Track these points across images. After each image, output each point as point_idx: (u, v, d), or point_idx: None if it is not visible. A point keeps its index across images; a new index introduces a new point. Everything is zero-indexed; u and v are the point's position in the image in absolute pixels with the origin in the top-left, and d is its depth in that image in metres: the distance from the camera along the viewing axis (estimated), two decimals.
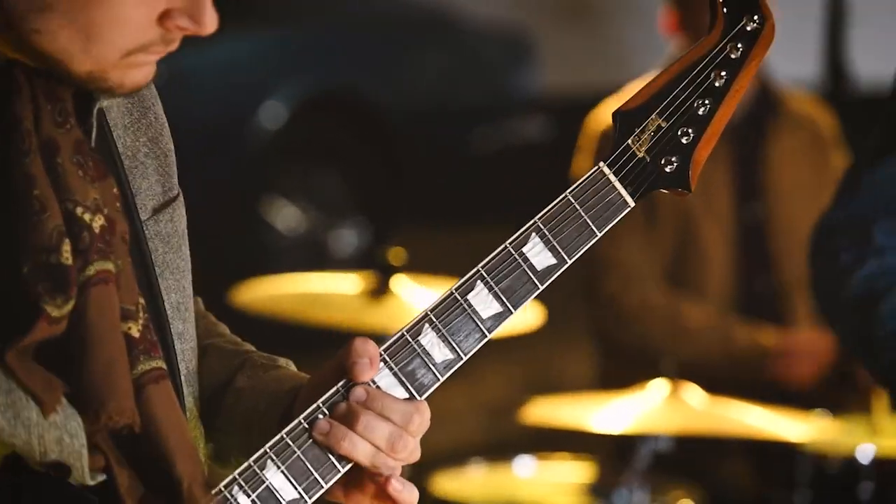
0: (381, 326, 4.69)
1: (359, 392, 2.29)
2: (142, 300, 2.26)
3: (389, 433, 2.28)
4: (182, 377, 2.37)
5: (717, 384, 4.97)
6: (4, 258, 2.17)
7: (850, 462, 4.97)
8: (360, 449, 2.26)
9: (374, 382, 2.30)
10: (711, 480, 5.24)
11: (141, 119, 2.39)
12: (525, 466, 5.22)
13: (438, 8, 11.42)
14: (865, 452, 4.91)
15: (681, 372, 4.86)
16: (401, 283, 4.88)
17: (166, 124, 2.42)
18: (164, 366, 2.25)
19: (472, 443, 6.61)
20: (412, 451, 2.30)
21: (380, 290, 4.86)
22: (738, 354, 5.42)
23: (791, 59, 5.58)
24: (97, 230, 2.18)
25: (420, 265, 5.05)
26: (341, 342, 2.52)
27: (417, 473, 4.94)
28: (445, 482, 5.13)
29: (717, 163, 5.53)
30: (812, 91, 6.86)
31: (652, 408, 4.78)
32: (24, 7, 2.12)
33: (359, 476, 2.32)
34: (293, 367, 2.46)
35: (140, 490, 2.23)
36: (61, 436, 2.17)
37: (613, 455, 5.30)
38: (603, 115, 5.53)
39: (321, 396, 2.28)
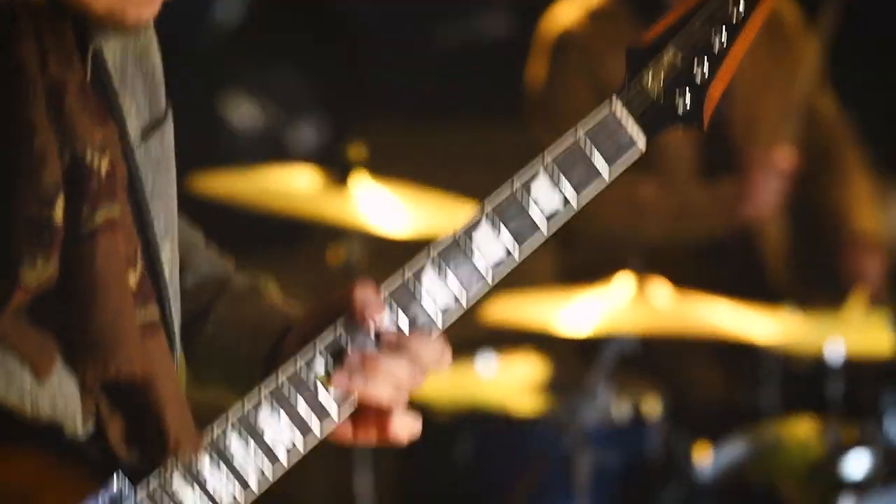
0: (339, 221, 4.74)
1: (370, 340, 2.24)
2: (139, 243, 2.24)
3: (407, 374, 2.25)
4: (173, 322, 2.34)
5: (685, 277, 4.92)
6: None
7: (819, 358, 4.99)
8: (378, 392, 2.22)
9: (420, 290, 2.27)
10: (677, 379, 5.23)
11: (137, 56, 2.36)
12: (488, 364, 5.19)
13: None
14: (835, 349, 4.94)
15: (647, 266, 4.82)
16: (360, 180, 4.79)
17: (159, 63, 2.38)
18: (158, 316, 2.24)
19: None
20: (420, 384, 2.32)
21: (338, 184, 4.78)
22: (700, 209, 5.42)
23: None
24: (104, 175, 2.15)
25: (380, 163, 4.94)
26: (299, 235, 2.46)
27: None
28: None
29: None
30: None
31: (617, 305, 4.76)
32: None
33: (357, 413, 2.31)
34: (273, 290, 2.43)
35: (126, 432, 2.21)
36: (55, 400, 2.16)
37: (577, 353, 5.22)
38: (560, 16, 5.49)
39: (316, 336, 2.24)
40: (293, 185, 5.00)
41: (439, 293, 2.26)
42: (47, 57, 2.15)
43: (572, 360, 5.22)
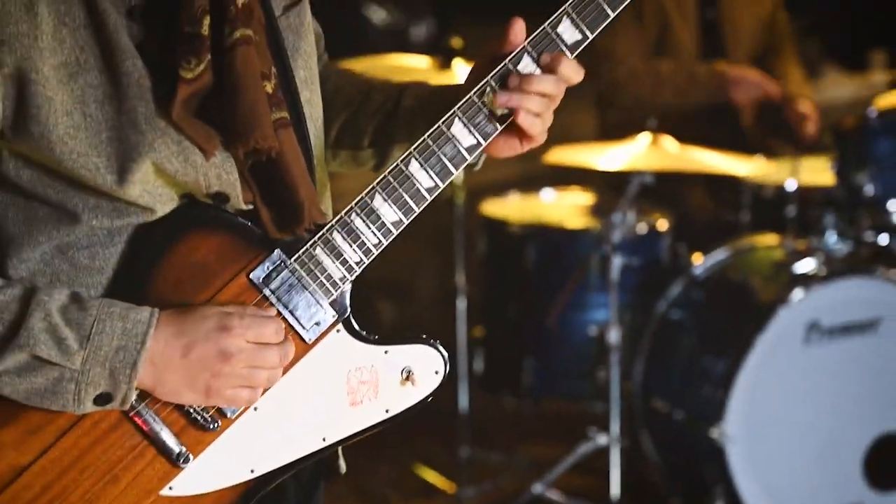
0: None
1: (529, 64, 2.33)
2: (274, 69, 2.27)
3: (554, 88, 2.32)
4: (309, 130, 2.38)
5: (685, 135, 5.13)
6: (165, 33, 2.19)
7: (780, 189, 5.20)
8: (532, 103, 2.31)
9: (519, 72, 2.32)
10: (681, 205, 5.39)
11: None
12: (548, 195, 5.53)
13: None
14: (791, 183, 5.15)
15: (660, 126, 5.06)
16: (459, 65, 4.99)
17: None
18: (289, 116, 2.27)
19: (509, 178, 6.49)
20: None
21: (443, 66, 5.03)
22: (703, 84, 5.45)
23: None
24: (240, 6, 2.19)
25: (473, 50, 4.98)
26: None
27: (471, 199, 5.29)
28: (492, 206, 5.42)
29: None
30: None
31: (639, 153, 4.99)
32: None
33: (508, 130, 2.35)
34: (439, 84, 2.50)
35: (274, 212, 2.27)
36: (220, 172, 2.22)
37: (611, 186, 5.41)
38: None
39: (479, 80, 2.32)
40: (413, 67, 5.18)
41: (570, 35, 2.33)
42: None
43: (607, 190, 5.46)
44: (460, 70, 4.98)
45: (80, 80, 2.15)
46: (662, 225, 5.21)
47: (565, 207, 5.45)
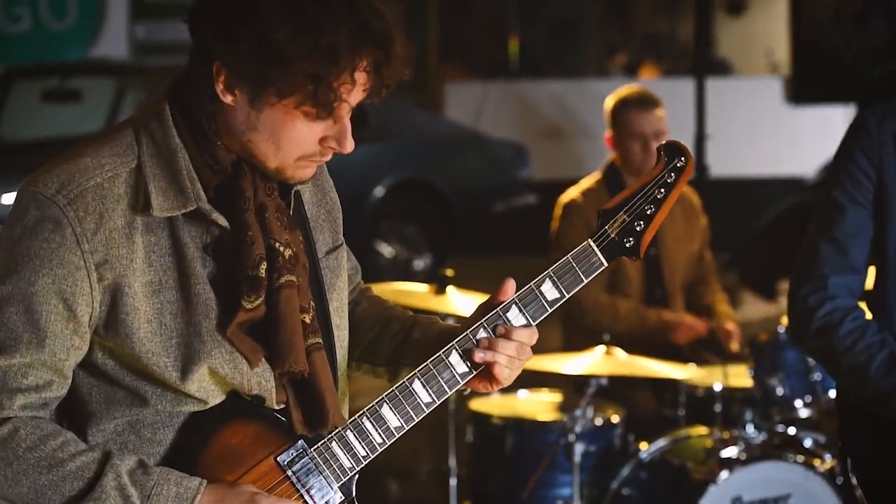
0: (440, 310, 4.74)
1: (499, 329, 2.33)
2: (312, 303, 2.30)
3: (516, 352, 2.33)
4: (337, 351, 2.40)
5: (634, 348, 5.06)
6: (229, 270, 2.24)
7: (710, 390, 5.17)
8: (499, 359, 2.32)
9: (507, 318, 2.33)
10: (630, 402, 5.29)
11: (322, 198, 2.46)
12: (523, 394, 5.41)
13: (472, 129, 11.49)
14: (718, 385, 5.13)
15: (613, 341, 4.99)
16: (451, 290, 4.95)
17: (337, 200, 2.49)
18: (322, 342, 2.30)
19: None
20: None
21: (439, 291, 4.96)
22: (650, 326, 5.40)
23: None
24: (287, 257, 2.26)
25: (463, 280, 5.03)
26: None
27: (461, 398, 5.18)
28: (478, 404, 5.28)
29: None
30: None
31: (596, 360, 4.88)
32: (243, 128, 2.20)
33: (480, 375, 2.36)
34: (442, 322, 2.50)
35: (303, 416, 2.29)
36: (260, 380, 2.26)
37: (574, 387, 5.34)
38: (565, 197, 5.50)
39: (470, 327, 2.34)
40: (415, 291, 5.14)
41: (516, 321, 2.34)
42: (257, 189, 2.24)
43: (571, 390, 5.39)
44: (452, 294, 4.96)
45: (161, 296, 2.21)
46: (615, 418, 5.10)
47: (537, 404, 5.36)
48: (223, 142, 2.24)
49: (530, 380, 5.12)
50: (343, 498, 2.29)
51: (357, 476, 2.30)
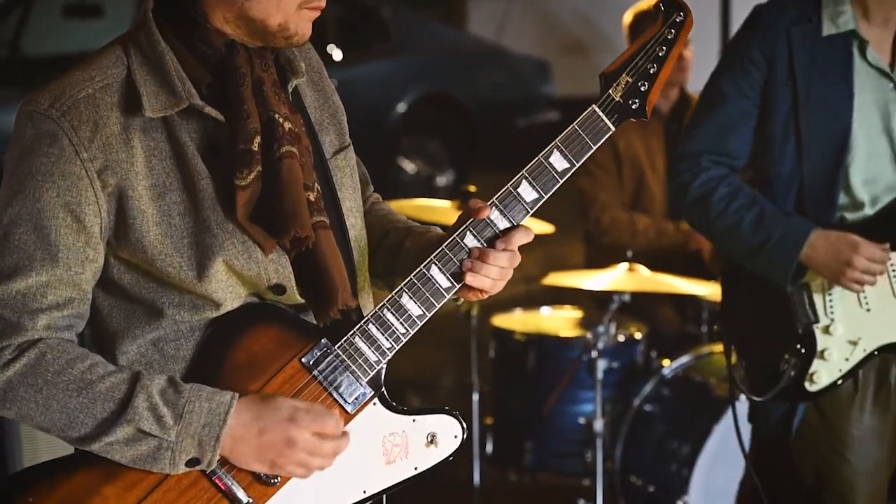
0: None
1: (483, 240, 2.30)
2: (317, 184, 2.28)
3: (508, 262, 2.32)
4: (352, 244, 2.40)
5: (656, 264, 5.07)
6: (228, 154, 2.20)
7: None
8: (490, 272, 2.30)
9: (491, 220, 2.31)
10: (653, 319, 5.32)
11: (324, 102, 2.45)
12: (546, 310, 5.44)
13: (495, 44, 11.48)
14: None
15: (635, 258, 5.05)
16: None
17: (340, 104, 2.48)
18: (328, 220, 2.28)
19: (514, 296, 6.59)
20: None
21: (462, 208, 4.42)
22: (670, 238, 5.40)
23: (697, 78, 5.81)
24: (286, 129, 2.24)
25: (485, 196, 4.92)
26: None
27: (484, 313, 5.23)
28: (501, 320, 5.30)
29: (656, 140, 5.52)
30: None
31: (619, 277, 4.91)
32: None
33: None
34: (440, 230, 2.47)
35: (312, 295, 2.28)
36: (277, 266, 2.24)
37: (596, 304, 5.42)
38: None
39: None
40: (438, 207, 5.24)
41: (528, 195, 2.33)
42: (253, 64, 2.24)
43: (593, 307, 5.46)
44: None
45: (167, 198, 2.21)
46: (638, 335, 5.12)
47: (560, 320, 5.38)
48: (214, 23, 2.24)
49: (553, 296, 5.62)
50: (373, 392, 2.30)
51: (385, 369, 2.31)
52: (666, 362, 5.01)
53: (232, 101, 2.21)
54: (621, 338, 5.06)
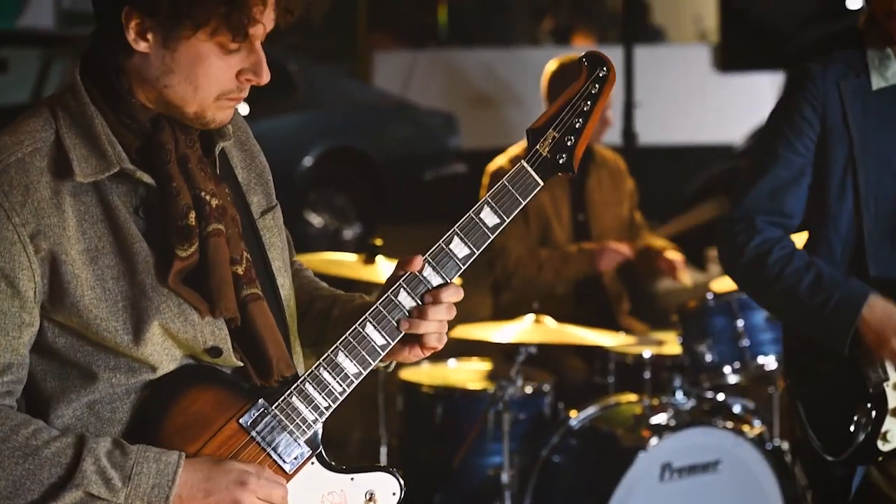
0: (368, 279, 4.83)
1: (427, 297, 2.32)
2: (246, 255, 2.29)
3: (446, 315, 2.35)
4: (284, 306, 2.40)
5: (563, 316, 5.07)
6: (162, 225, 2.23)
7: (639, 357, 5.20)
8: (429, 327, 2.33)
9: (424, 276, 2.32)
10: (559, 370, 5.30)
11: (251, 162, 2.46)
12: (453, 363, 5.45)
13: (401, 98, 11.56)
14: (647, 353, 5.17)
15: (541, 310, 5.02)
16: (380, 259, 4.97)
17: (266, 164, 2.49)
18: (260, 292, 2.29)
19: None
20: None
21: (368, 261, 4.99)
22: (574, 262, 5.41)
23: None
24: (214, 206, 2.26)
25: (392, 249, 4.94)
26: (350, 288, 2.59)
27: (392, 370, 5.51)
28: (408, 373, 5.28)
29: (560, 190, 5.55)
30: (612, 146, 6.56)
31: (524, 329, 4.92)
32: (159, 73, 2.20)
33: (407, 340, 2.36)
34: (367, 298, 2.48)
35: (252, 365, 2.29)
36: (213, 329, 2.26)
37: (503, 356, 5.36)
38: (493, 165, 5.50)
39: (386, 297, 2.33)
40: (344, 261, 5.16)
41: (460, 251, 2.33)
42: (178, 141, 2.24)
43: (500, 359, 5.38)
44: (381, 263, 4.97)
45: (100, 262, 2.21)
46: (545, 386, 5.12)
47: (467, 373, 5.37)
48: (139, 98, 2.25)
49: (460, 349, 5.52)
50: (311, 451, 2.31)
51: (321, 428, 2.32)
52: (573, 413, 5.00)
53: (160, 177, 2.23)
54: (528, 389, 5.04)
